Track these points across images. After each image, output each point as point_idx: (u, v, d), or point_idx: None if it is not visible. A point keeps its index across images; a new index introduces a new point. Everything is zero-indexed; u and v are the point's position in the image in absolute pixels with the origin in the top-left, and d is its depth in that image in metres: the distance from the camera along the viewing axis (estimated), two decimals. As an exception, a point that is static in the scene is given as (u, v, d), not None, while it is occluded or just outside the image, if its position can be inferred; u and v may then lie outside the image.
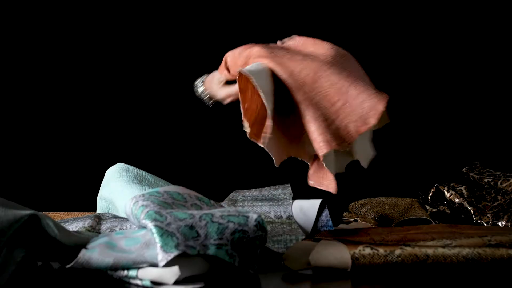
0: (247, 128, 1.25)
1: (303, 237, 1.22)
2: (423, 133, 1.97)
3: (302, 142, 1.33)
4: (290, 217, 1.29)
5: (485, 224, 1.50)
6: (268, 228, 1.25)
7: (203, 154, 1.96)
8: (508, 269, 1.03)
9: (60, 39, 1.97)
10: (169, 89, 1.95)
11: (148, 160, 1.88)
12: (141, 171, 1.57)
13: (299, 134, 1.32)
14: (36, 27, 1.97)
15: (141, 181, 1.53)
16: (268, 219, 1.29)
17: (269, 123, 1.21)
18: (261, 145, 1.24)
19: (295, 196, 1.40)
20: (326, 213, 1.35)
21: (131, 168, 1.56)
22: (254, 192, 1.45)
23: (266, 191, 1.48)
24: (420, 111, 1.97)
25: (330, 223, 1.34)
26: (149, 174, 1.57)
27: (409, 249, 1.03)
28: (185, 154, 1.95)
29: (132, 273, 0.96)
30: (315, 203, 1.35)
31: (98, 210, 1.55)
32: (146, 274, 0.95)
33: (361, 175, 1.79)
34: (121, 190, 1.49)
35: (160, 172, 1.69)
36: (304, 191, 1.56)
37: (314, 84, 1.25)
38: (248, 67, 1.26)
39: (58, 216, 1.59)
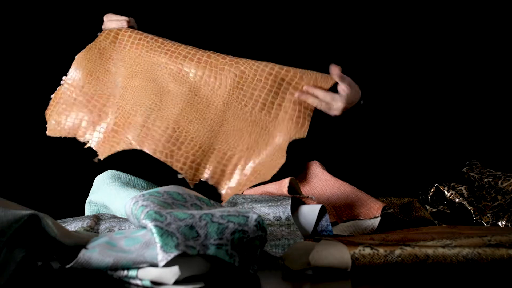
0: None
1: (302, 240, 1.22)
2: (423, 133, 1.97)
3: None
4: (289, 218, 1.29)
5: (485, 224, 1.50)
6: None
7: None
8: (508, 269, 1.03)
9: (59, 41, 1.97)
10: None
11: (142, 163, 1.87)
12: (132, 177, 1.57)
13: None
14: (34, 26, 1.97)
15: (135, 187, 1.53)
16: (267, 221, 1.29)
17: None
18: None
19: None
20: (326, 217, 1.35)
21: (123, 174, 1.56)
22: (254, 195, 1.45)
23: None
24: (420, 111, 1.97)
25: (330, 227, 1.35)
26: (142, 180, 1.57)
27: (409, 249, 1.03)
28: None
29: (132, 273, 0.96)
30: (315, 207, 1.35)
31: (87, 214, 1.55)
32: (146, 274, 0.95)
33: (360, 175, 1.79)
34: (116, 193, 1.49)
35: (156, 175, 1.68)
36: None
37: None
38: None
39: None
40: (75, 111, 1.60)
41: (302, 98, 1.53)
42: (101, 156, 1.58)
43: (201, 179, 1.55)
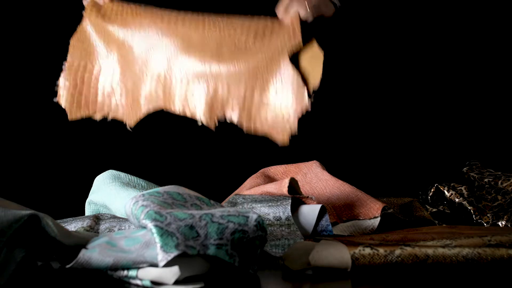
0: None
1: (302, 240, 1.22)
2: (423, 133, 1.96)
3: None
4: (289, 218, 1.29)
5: (485, 224, 1.50)
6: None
7: (202, 155, 1.95)
8: (508, 269, 1.03)
9: (61, 44, 1.96)
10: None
11: (142, 163, 1.87)
12: (132, 177, 1.57)
13: None
14: (34, 26, 1.96)
15: (135, 187, 1.53)
16: (267, 221, 1.29)
17: None
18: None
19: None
20: (326, 217, 1.35)
21: (122, 174, 1.56)
22: (254, 195, 1.45)
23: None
24: (419, 110, 1.97)
25: (330, 227, 1.35)
26: (142, 180, 1.57)
27: (409, 249, 1.03)
28: (184, 154, 1.94)
29: (132, 273, 0.96)
30: (315, 207, 1.35)
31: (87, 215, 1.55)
32: (146, 274, 0.95)
33: (360, 175, 1.79)
34: (116, 193, 1.49)
35: (156, 175, 1.68)
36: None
37: None
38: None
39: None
40: (88, 89, 1.60)
41: (285, 19, 1.50)
42: (131, 123, 1.58)
43: (215, 121, 1.54)
